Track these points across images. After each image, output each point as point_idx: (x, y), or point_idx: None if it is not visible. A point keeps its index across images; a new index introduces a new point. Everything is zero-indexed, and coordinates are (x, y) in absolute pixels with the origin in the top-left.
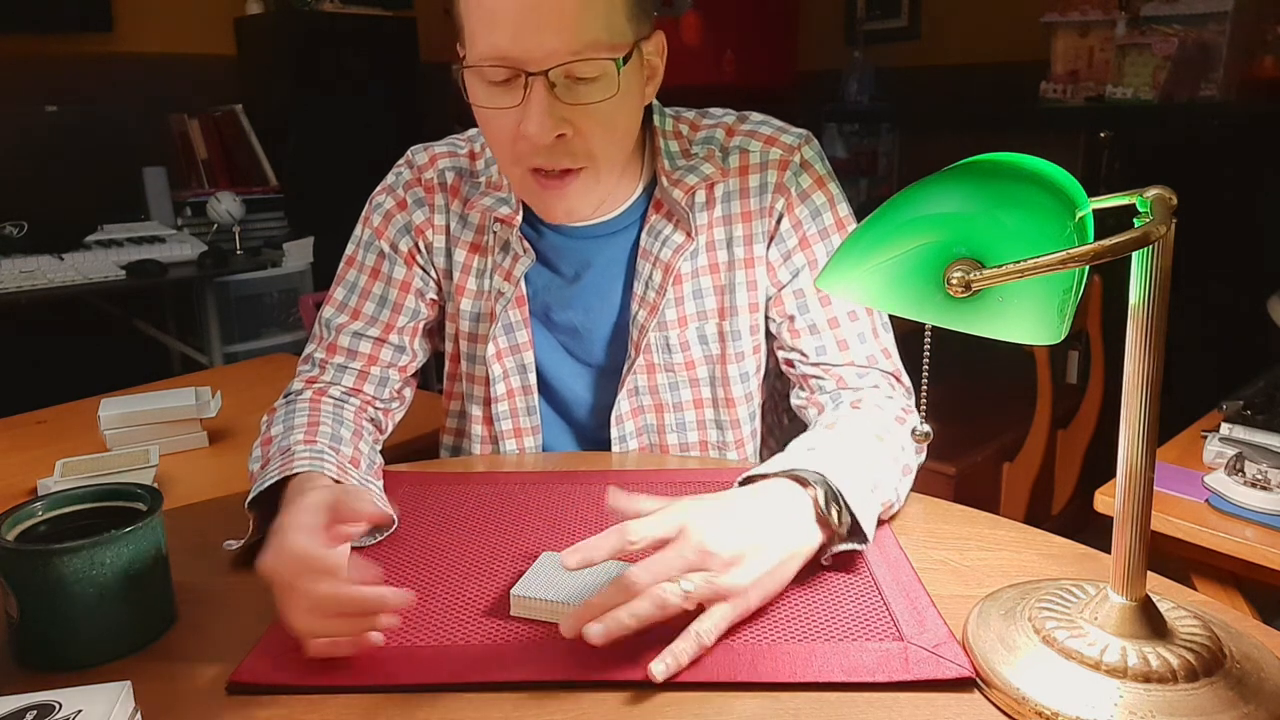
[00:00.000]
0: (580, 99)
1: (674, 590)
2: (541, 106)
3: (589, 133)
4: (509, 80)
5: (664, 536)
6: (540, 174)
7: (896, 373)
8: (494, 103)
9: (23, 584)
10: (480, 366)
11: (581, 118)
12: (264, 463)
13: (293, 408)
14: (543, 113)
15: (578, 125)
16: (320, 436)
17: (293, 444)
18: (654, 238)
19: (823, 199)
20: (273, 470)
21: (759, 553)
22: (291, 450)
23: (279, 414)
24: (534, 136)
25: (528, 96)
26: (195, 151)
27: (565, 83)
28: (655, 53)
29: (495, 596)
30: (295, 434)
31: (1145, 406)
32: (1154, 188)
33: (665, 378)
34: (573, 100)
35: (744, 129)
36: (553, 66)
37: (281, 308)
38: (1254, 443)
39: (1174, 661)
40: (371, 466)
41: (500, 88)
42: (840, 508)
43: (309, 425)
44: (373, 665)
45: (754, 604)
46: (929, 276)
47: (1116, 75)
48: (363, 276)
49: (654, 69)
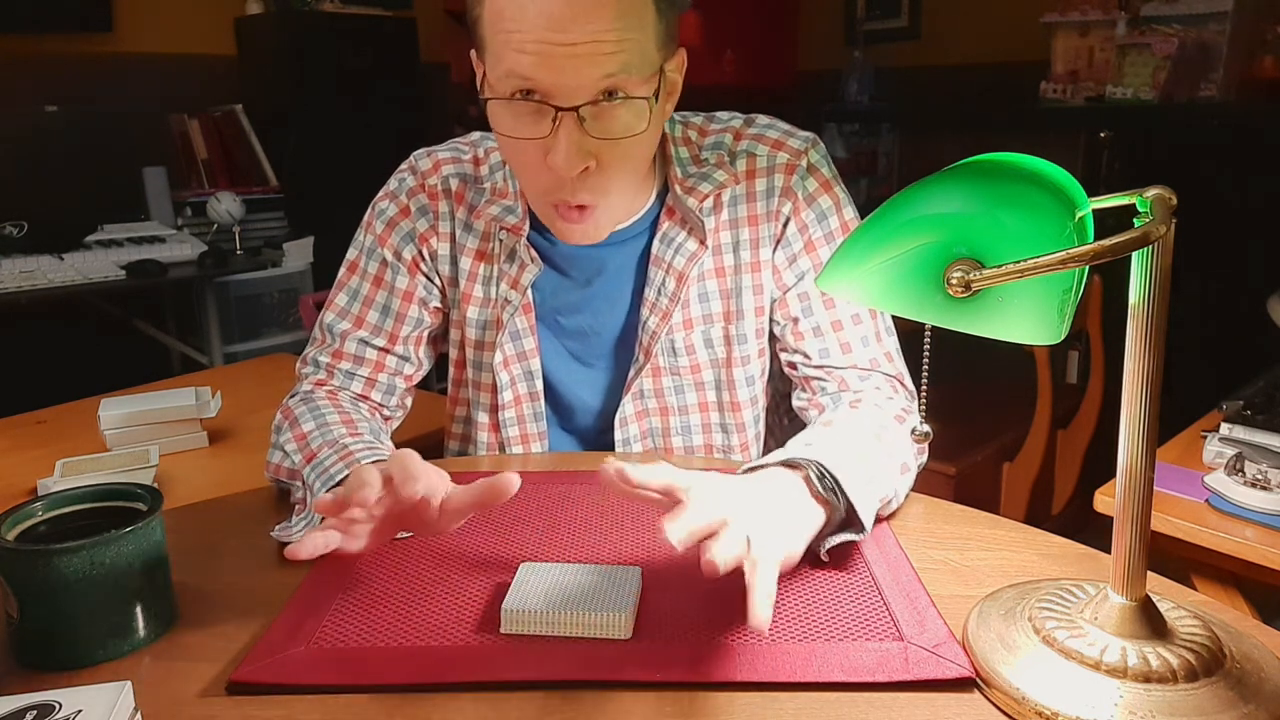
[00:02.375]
0: (609, 133)
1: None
2: (570, 140)
3: (611, 166)
4: (537, 110)
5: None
6: (561, 205)
7: (899, 376)
8: (520, 133)
9: (23, 584)
10: (487, 374)
11: (607, 151)
12: (309, 456)
13: (315, 405)
14: (571, 147)
15: (602, 158)
16: (362, 430)
17: (340, 438)
18: (667, 245)
19: (829, 203)
20: (329, 461)
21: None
22: (343, 444)
23: (301, 410)
24: (560, 169)
25: (556, 130)
26: (195, 151)
27: (594, 112)
28: (676, 69)
29: (495, 597)
30: (338, 429)
31: (1145, 406)
32: (1154, 188)
33: (671, 381)
34: (601, 134)
35: (751, 133)
36: (584, 103)
37: (281, 308)
38: (1254, 443)
39: (1174, 661)
40: None
41: (527, 117)
42: (835, 488)
43: (344, 421)
44: (372, 665)
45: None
46: (929, 276)
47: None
48: (365, 284)
49: (674, 86)
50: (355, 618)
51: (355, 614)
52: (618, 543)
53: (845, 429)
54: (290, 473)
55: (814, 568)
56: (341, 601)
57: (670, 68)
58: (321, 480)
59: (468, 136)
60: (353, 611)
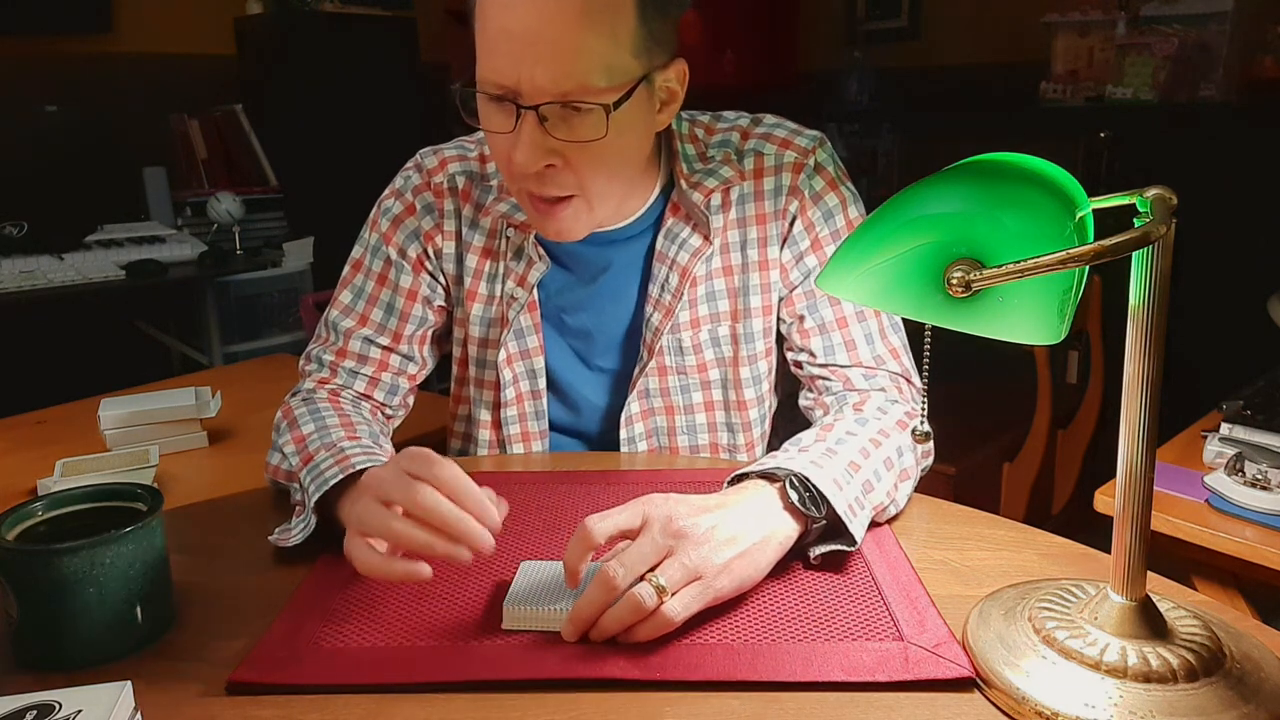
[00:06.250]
0: (571, 135)
1: (648, 591)
2: (530, 138)
3: (578, 166)
4: (504, 106)
5: (628, 527)
6: (535, 196)
7: (905, 374)
8: (490, 125)
9: (23, 584)
10: (490, 371)
11: (572, 151)
12: (306, 459)
13: (315, 406)
14: (530, 144)
15: (567, 158)
16: (361, 434)
17: (337, 441)
18: (670, 241)
19: (835, 201)
20: (325, 465)
21: (727, 531)
22: (339, 447)
23: (301, 411)
24: (520, 165)
25: (519, 126)
26: (195, 151)
27: (557, 115)
28: (674, 79)
29: (495, 596)
30: (336, 432)
31: (1145, 406)
32: (1154, 188)
33: (677, 380)
34: (564, 136)
35: (758, 132)
36: (542, 103)
37: (281, 308)
38: (1254, 443)
39: (1174, 661)
40: None
41: (496, 112)
42: (814, 498)
43: (343, 424)
44: (373, 665)
45: (727, 588)
46: (929, 276)
47: (1116, 75)
48: (370, 282)
49: (672, 95)
50: (355, 618)
51: (355, 614)
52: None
53: (841, 435)
54: (288, 475)
55: (813, 568)
56: (341, 601)
57: (665, 78)
58: (316, 484)
59: (473, 135)
60: (353, 611)
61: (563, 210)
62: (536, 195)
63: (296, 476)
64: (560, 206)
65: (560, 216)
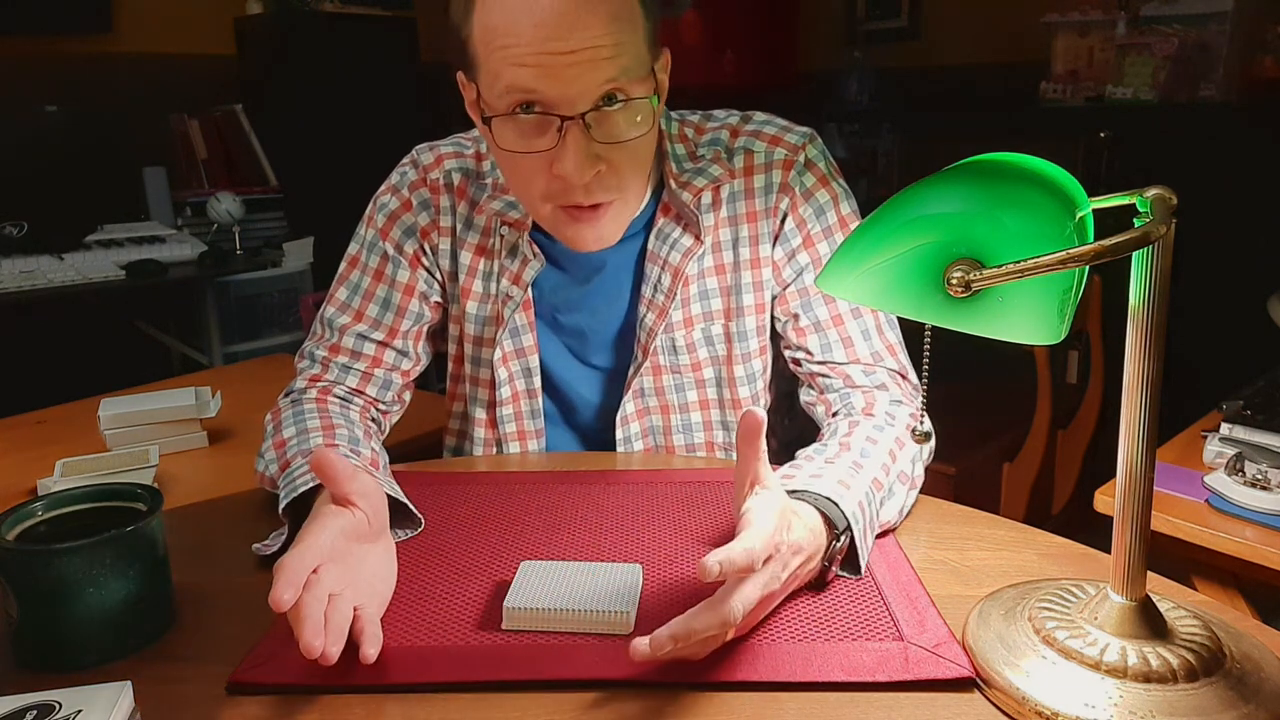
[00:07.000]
0: (613, 136)
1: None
2: (578, 146)
3: (619, 166)
4: (541, 121)
5: (764, 554)
6: (572, 207)
7: (903, 370)
8: (526, 147)
9: (23, 584)
10: (485, 369)
11: (615, 152)
12: (283, 465)
13: (301, 409)
14: (580, 153)
15: (611, 160)
16: (339, 439)
17: (314, 448)
18: (662, 241)
19: (826, 197)
20: (298, 472)
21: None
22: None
23: (286, 415)
24: (572, 177)
25: (563, 140)
26: (195, 151)
27: (598, 118)
28: (663, 69)
29: (495, 596)
30: (314, 437)
31: (1145, 406)
32: (1154, 188)
33: (671, 379)
34: (605, 138)
35: (748, 129)
36: (588, 110)
37: (281, 308)
38: (1254, 443)
39: (1174, 661)
40: (386, 468)
41: (531, 130)
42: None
43: (324, 428)
44: (372, 665)
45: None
46: (929, 276)
47: (1116, 75)
48: (366, 278)
49: (662, 86)
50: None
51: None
52: (618, 542)
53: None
54: (271, 481)
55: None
56: None
57: (658, 68)
58: (286, 490)
59: (469, 132)
60: None
61: (604, 215)
62: (582, 205)
63: (277, 483)
64: (602, 211)
65: (603, 222)
